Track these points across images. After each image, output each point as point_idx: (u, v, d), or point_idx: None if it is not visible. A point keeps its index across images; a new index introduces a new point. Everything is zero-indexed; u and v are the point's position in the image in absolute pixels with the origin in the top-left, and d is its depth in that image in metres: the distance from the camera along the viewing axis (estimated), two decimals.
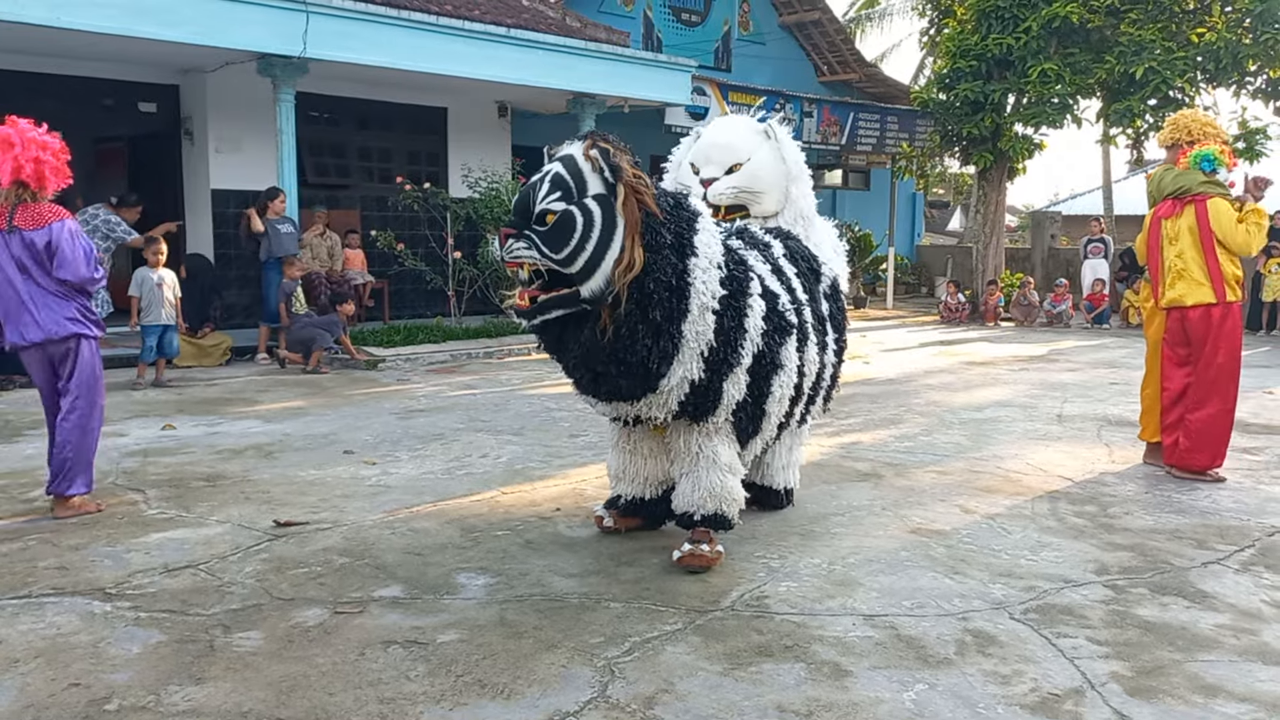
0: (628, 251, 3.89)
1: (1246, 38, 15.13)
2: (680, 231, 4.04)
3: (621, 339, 3.95)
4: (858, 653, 3.56)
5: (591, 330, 3.96)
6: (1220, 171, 6.11)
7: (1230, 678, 3.41)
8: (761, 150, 5.30)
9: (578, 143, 4.03)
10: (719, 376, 4.17)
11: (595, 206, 3.90)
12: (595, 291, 3.90)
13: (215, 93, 12.37)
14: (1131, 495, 5.72)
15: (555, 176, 3.93)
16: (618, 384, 4.10)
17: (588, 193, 3.91)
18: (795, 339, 4.51)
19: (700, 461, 4.37)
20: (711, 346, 4.11)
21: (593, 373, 4.10)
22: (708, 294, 4.04)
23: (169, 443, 6.76)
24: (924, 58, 30.02)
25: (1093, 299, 16.66)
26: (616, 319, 3.93)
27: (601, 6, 17.53)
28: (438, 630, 3.67)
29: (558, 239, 3.86)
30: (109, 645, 3.49)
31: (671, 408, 4.20)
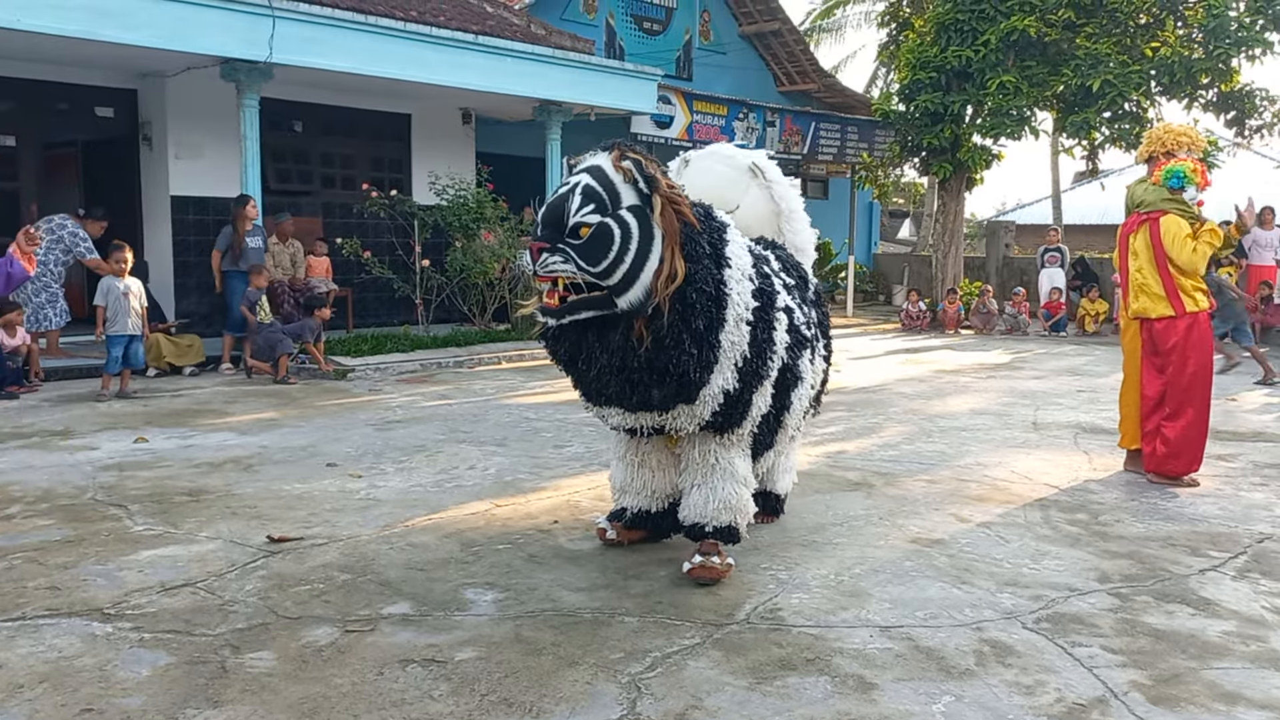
0: (668, 262, 3.86)
1: (1198, 52, 15.47)
2: (714, 242, 4.02)
3: (664, 349, 3.90)
4: (880, 665, 3.55)
5: (624, 338, 3.90)
6: (1189, 189, 6.20)
7: (1248, 685, 3.45)
8: (750, 194, 5.17)
9: (603, 154, 4.00)
10: (750, 388, 4.15)
11: (631, 218, 3.86)
12: (634, 303, 3.86)
13: (175, 97, 12.13)
14: (1119, 503, 5.79)
15: (586, 188, 3.87)
16: (650, 394, 4.02)
17: (622, 204, 3.88)
18: (810, 351, 4.53)
19: (716, 473, 4.32)
20: (745, 357, 4.09)
21: (627, 382, 4.00)
22: (742, 305, 4.04)
23: (143, 456, 6.60)
24: (878, 69, 30.43)
25: (1050, 307, 16.92)
26: (656, 329, 3.88)
27: (564, 14, 17.50)
28: (454, 648, 3.60)
29: (595, 252, 3.81)
30: (116, 668, 3.37)
31: (704, 418, 4.15)
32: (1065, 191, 31.95)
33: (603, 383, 4.06)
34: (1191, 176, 6.19)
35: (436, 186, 12.84)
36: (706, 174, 5.24)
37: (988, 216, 33.39)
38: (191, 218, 12.20)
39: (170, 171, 12.18)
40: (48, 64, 11.15)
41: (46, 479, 5.91)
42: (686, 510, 4.43)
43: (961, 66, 16.36)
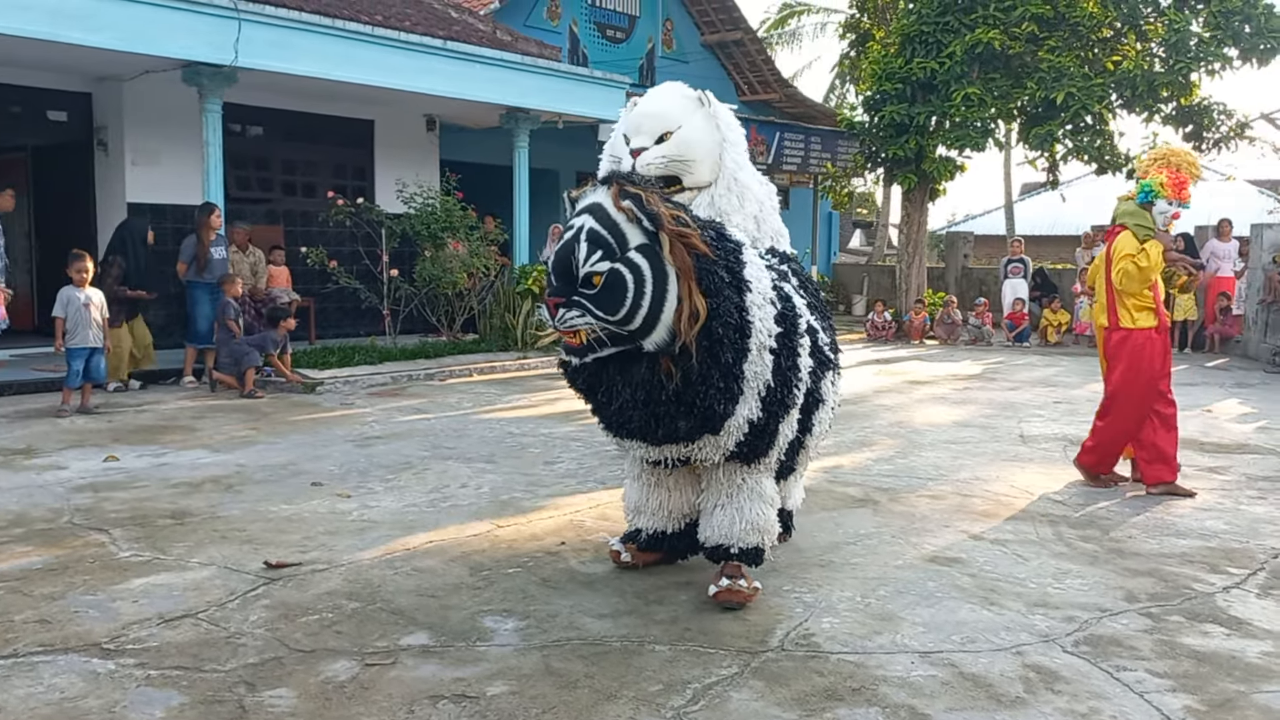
0: (687, 301, 3.68)
1: (1159, 66, 15.68)
2: (731, 267, 3.83)
3: (693, 384, 3.74)
4: (928, 694, 3.42)
5: (650, 372, 3.73)
6: (1158, 203, 6.23)
7: None
8: (694, 118, 4.92)
9: (601, 189, 3.78)
10: (776, 417, 4.01)
11: (641, 259, 3.67)
12: (659, 344, 3.71)
13: (132, 101, 11.76)
14: (1126, 517, 5.74)
15: (591, 233, 3.67)
16: (676, 426, 3.86)
17: (629, 246, 3.68)
18: (832, 372, 4.42)
19: (743, 493, 4.18)
20: (769, 386, 3.93)
21: (652, 416, 3.83)
22: (765, 332, 3.88)
23: (116, 476, 6.30)
24: (835, 79, 30.62)
25: (1013, 318, 17.03)
26: (685, 365, 3.71)
27: (528, 20, 17.32)
28: (483, 682, 3.41)
29: (610, 300, 3.64)
30: (126, 710, 3.14)
31: (729, 449, 4.00)
32: (1017, 202, 32.39)
33: (625, 416, 3.89)
34: (1159, 190, 6.22)
35: (404, 194, 12.57)
36: (649, 99, 4.96)
37: (939, 227, 33.68)
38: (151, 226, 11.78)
39: (127, 178, 11.80)
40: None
41: (16, 501, 5.60)
42: (709, 531, 4.26)
43: (926, 78, 16.43)
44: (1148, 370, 6.33)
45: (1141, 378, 6.34)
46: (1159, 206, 6.23)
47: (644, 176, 3.96)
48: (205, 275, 10.31)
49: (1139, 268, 6.14)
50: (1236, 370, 13.47)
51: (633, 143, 4.89)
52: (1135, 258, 6.15)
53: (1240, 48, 15.30)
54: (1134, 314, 6.30)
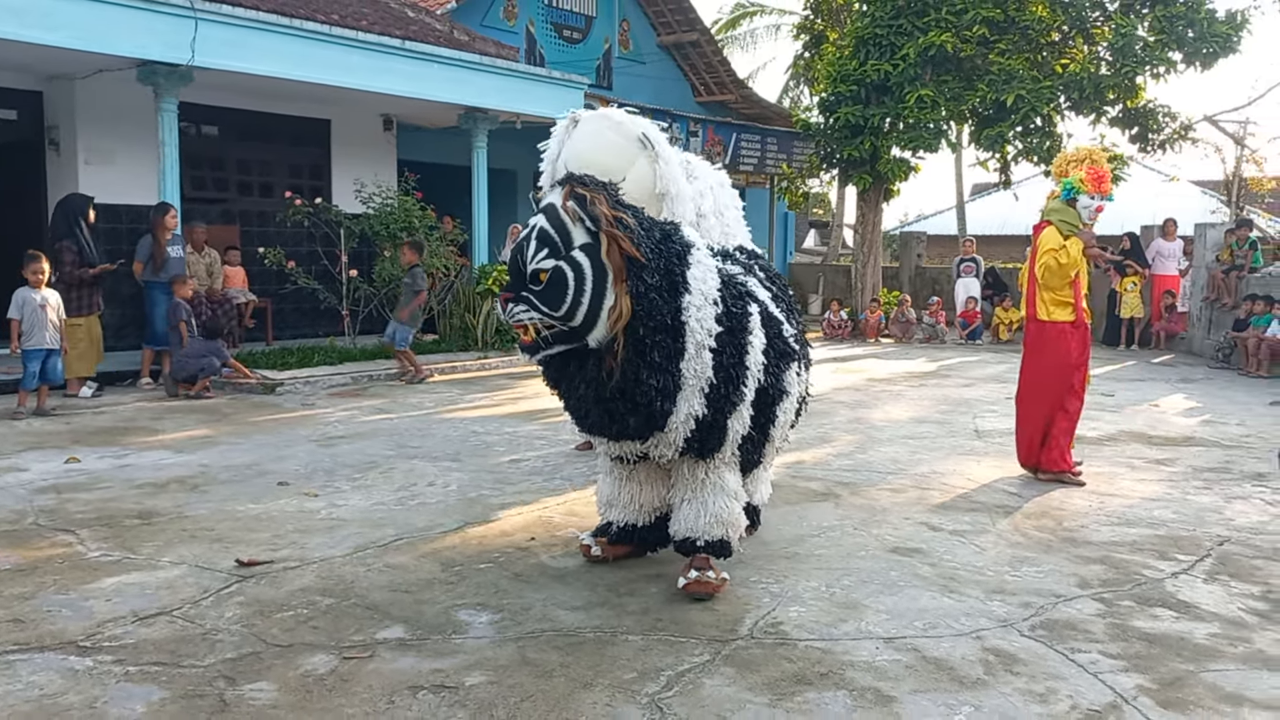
0: (618, 299, 3.88)
1: (1106, 70, 16.03)
2: (670, 269, 3.96)
3: (628, 380, 3.93)
4: (893, 677, 3.54)
5: (596, 369, 3.94)
6: (1081, 198, 6.47)
7: (1247, 686, 3.53)
8: (637, 165, 4.84)
9: (558, 190, 3.97)
10: (723, 414, 4.12)
11: (584, 258, 3.87)
12: (601, 340, 3.91)
13: (85, 100, 11.63)
14: (1079, 508, 5.91)
15: (541, 232, 3.89)
16: (627, 422, 4.03)
17: (574, 245, 3.88)
18: (796, 364, 4.52)
19: (707, 487, 4.29)
20: (712, 384, 4.06)
21: (605, 412, 4.03)
22: (702, 332, 4.00)
23: (79, 477, 6.26)
24: (789, 80, 30.86)
25: (966, 316, 17.33)
26: (625, 361, 3.90)
27: (484, 20, 17.31)
28: (461, 673, 3.48)
29: (553, 297, 3.84)
30: (108, 705, 3.17)
31: (678, 445, 4.14)
32: (968, 202, 32.83)
33: (584, 411, 4.10)
34: (1080, 186, 6.44)
35: (363, 194, 12.55)
36: (593, 138, 4.68)
37: (893, 227, 34.07)
38: (103, 226, 11.63)
39: (80, 177, 11.64)
40: None
41: None
42: (677, 525, 4.37)
43: (880, 80, 16.65)
44: (1060, 363, 6.56)
45: (1051, 369, 6.58)
46: (1082, 202, 6.46)
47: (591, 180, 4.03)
48: (161, 275, 10.23)
49: (1059, 263, 6.39)
50: (1182, 366, 13.82)
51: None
52: (1057, 253, 6.40)
53: (1184, 52, 15.68)
54: (1050, 307, 6.55)
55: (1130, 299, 16.13)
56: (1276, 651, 3.84)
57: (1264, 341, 12.64)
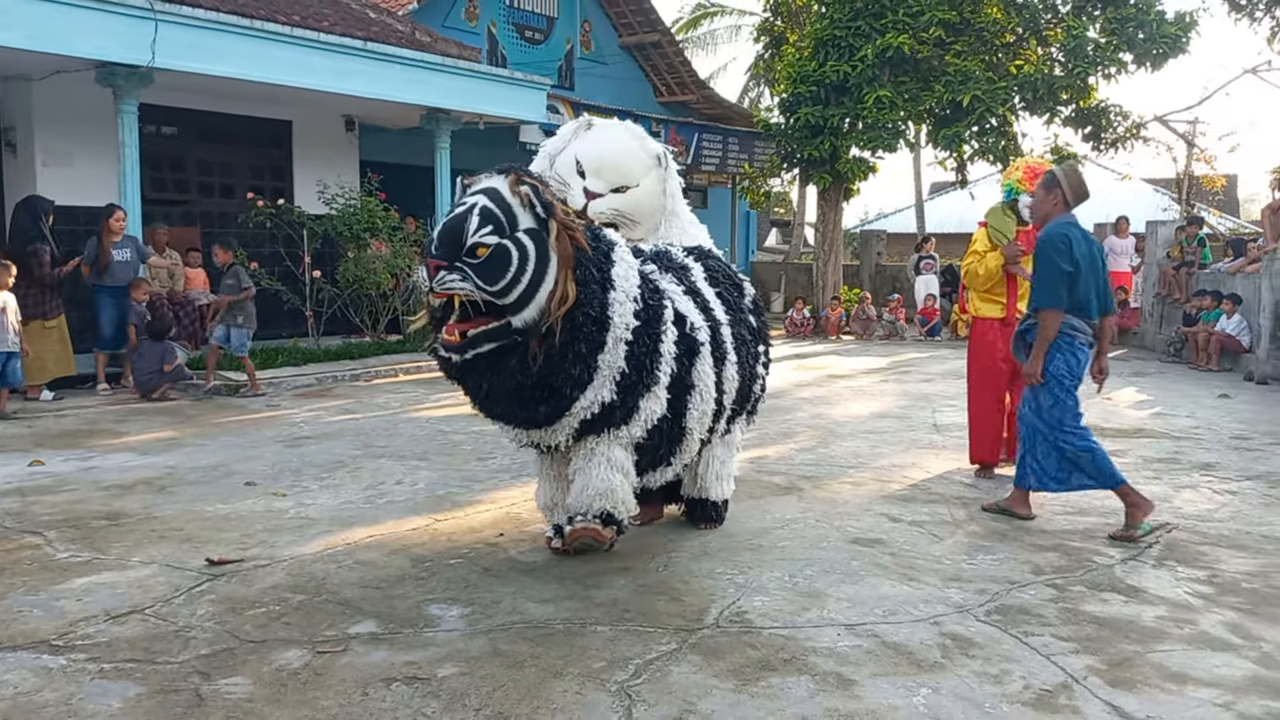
0: (561, 285, 4.07)
1: (1059, 71, 16.33)
2: (600, 264, 4.23)
3: (552, 367, 4.12)
4: (854, 662, 3.65)
5: (521, 360, 4.09)
6: (1022, 198, 6.63)
7: (1191, 665, 3.68)
8: (649, 178, 5.24)
9: (498, 176, 4.17)
10: (633, 396, 4.37)
11: (528, 240, 4.05)
12: (528, 322, 4.05)
13: (42, 101, 11.51)
14: (1034, 499, 6.03)
15: (485, 210, 4.03)
16: (538, 411, 4.25)
17: (519, 227, 4.06)
18: (710, 359, 4.72)
19: (594, 460, 4.49)
20: (624, 372, 4.31)
21: (517, 401, 4.23)
22: (622, 326, 4.24)
23: (44, 480, 6.25)
24: (749, 81, 31.06)
25: (926, 313, 17.57)
26: (549, 347, 4.09)
27: (446, 21, 17.31)
28: (433, 664, 3.55)
29: (493, 272, 3.98)
30: (84, 702, 3.21)
31: (574, 429, 4.37)
32: (927, 201, 33.21)
33: (493, 401, 4.28)
34: (1019, 186, 6.60)
35: (326, 195, 12.53)
36: (616, 143, 5.28)
37: (853, 225, 34.39)
38: (62, 228, 11.51)
39: (38, 179, 11.53)
40: None
41: None
42: (570, 498, 4.62)
43: (839, 81, 16.85)
44: (987, 357, 6.75)
45: (979, 363, 6.81)
46: (1023, 200, 6.58)
47: (538, 173, 4.33)
48: (106, 279, 10.10)
49: (978, 273, 6.64)
50: (1134, 360, 14.12)
51: (589, 183, 5.14)
52: (981, 258, 6.64)
53: (1134, 53, 16.02)
54: (978, 303, 6.79)
55: None
56: (1220, 633, 4.00)
57: (1213, 336, 12.94)
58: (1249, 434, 8.27)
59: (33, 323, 9.21)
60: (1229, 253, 15.46)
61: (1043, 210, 5.53)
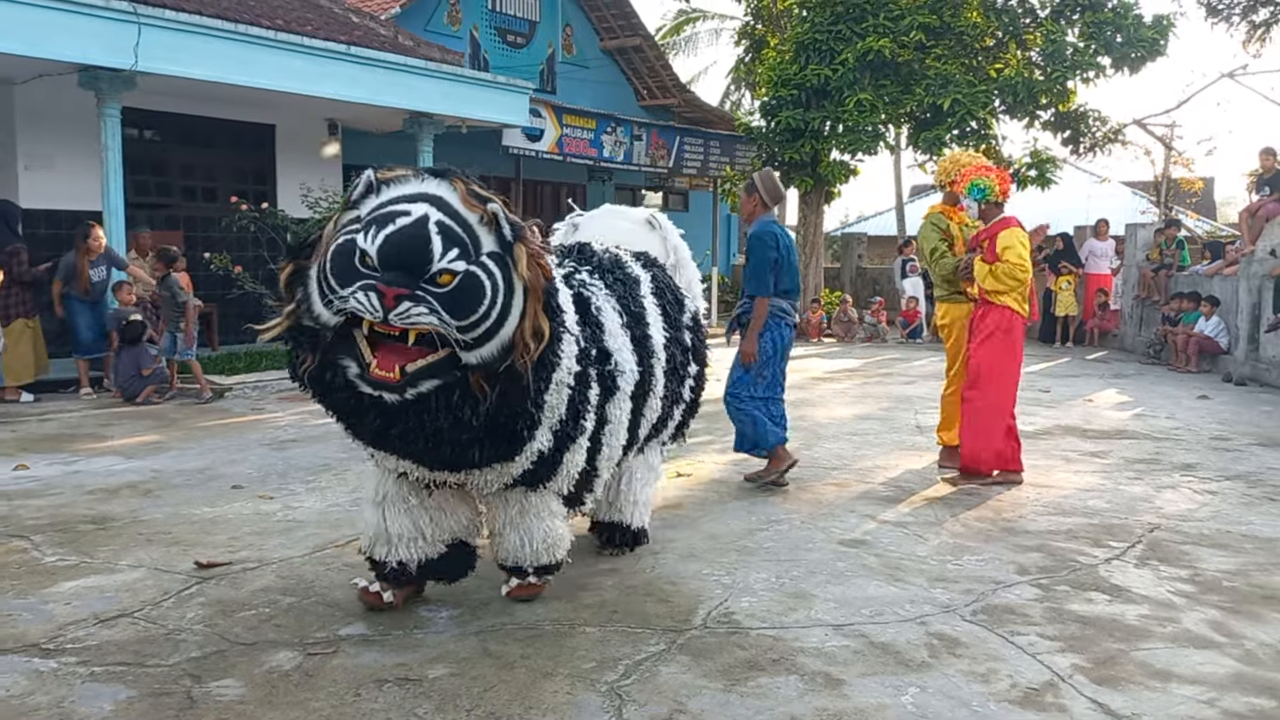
0: (531, 318, 3.48)
1: (1038, 74, 16.46)
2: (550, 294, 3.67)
3: (508, 406, 3.52)
4: (842, 662, 3.69)
5: (463, 398, 3.42)
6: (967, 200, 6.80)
7: (1175, 663, 3.74)
8: (650, 245, 5.38)
9: (435, 180, 3.54)
10: (562, 448, 3.86)
11: (494, 267, 3.42)
12: (486, 359, 3.41)
13: (24, 105, 11.46)
14: (1018, 499, 6.14)
15: (445, 228, 3.36)
16: (469, 453, 3.58)
17: (482, 250, 3.43)
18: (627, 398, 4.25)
19: (530, 514, 4.04)
20: (562, 418, 3.80)
21: (443, 441, 3.51)
22: (566, 367, 3.74)
23: (29, 484, 6.23)
24: (730, 84, 31.13)
25: (907, 315, 17.66)
26: (506, 387, 3.48)
27: (428, 25, 17.29)
28: (424, 666, 3.57)
29: (464, 304, 3.32)
30: (75, 705, 3.21)
31: (514, 476, 3.82)
32: (907, 204, 33.38)
33: (407, 440, 3.52)
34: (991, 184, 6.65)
35: (309, 199, 12.52)
36: (609, 230, 5.36)
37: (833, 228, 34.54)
38: (43, 232, 11.52)
39: (20, 183, 11.49)
40: None
41: None
42: (505, 553, 4.13)
43: (820, 85, 16.92)
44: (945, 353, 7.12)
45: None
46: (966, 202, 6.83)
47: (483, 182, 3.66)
48: (84, 297, 10.07)
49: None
50: (1115, 362, 14.24)
51: None
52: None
53: (1113, 56, 16.16)
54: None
55: (1064, 297, 16.56)
56: (1202, 630, 4.05)
57: (1192, 338, 13.07)
58: (1228, 434, 8.37)
59: (17, 321, 9.21)
60: (1207, 255, 15.63)
61: (746, 211, 6.41)
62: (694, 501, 6.00)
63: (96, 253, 10.08)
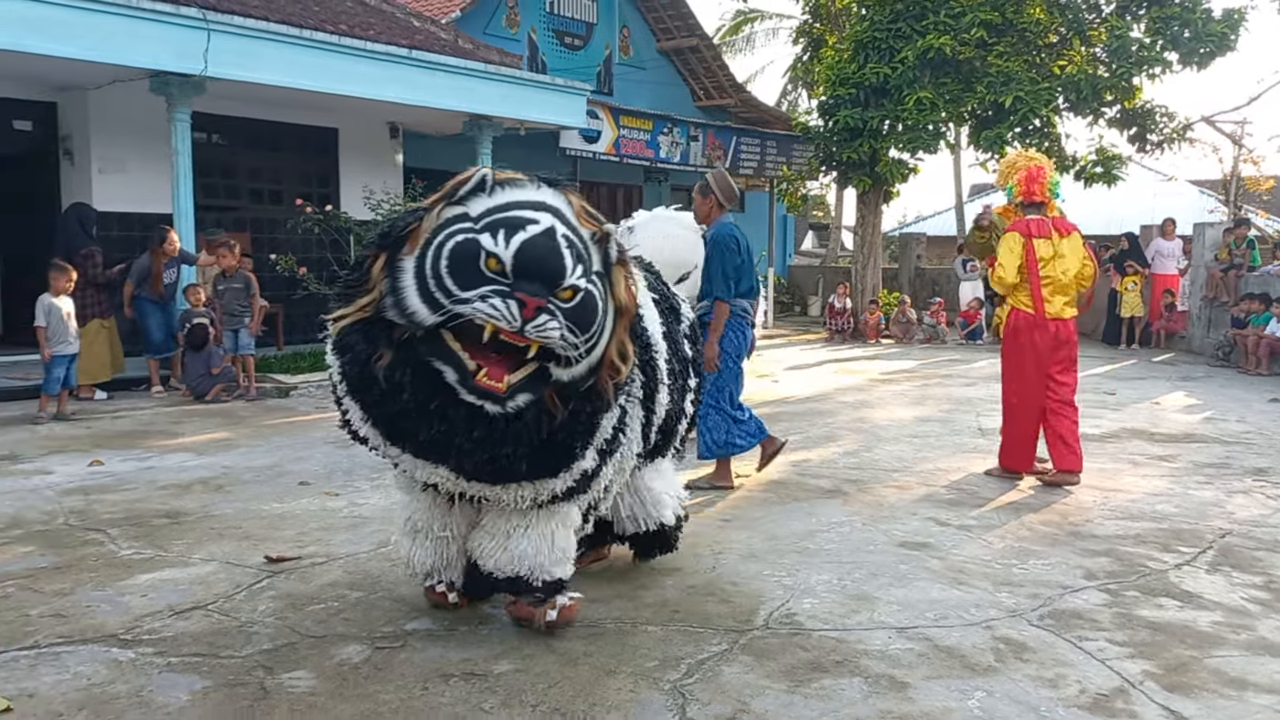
0: (619, 341, 3.44)
1: (1103, 71, 16.18)
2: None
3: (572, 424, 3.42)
4: (906, 665, 3.67)
5: (538, 413, 3.30)
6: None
7: (1250, 670, 3.66)
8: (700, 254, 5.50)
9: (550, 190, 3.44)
10: (602, 466, 3.69)
11: (601, 286, 3.36)
12: (575, 376, 3.33)
13: (98, 111, 11.78)
14: (1083, 503, 6.05)
15: (569, 241, 3.26)
16: (519, 467, 3.41)
17: (593, 268, 3.35)
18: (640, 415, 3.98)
19: (554, 519, 3.76)
20: (607, 438, 3.65)
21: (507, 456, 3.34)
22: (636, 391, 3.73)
23: (104, 480, 6.39)
24: (787, 84, 31.02)
25: (967, 316, 17.46)
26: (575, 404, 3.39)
27: (487, 28, 17.46)
28: (489, 661, 3.61)
29: (584, 320, 3.24)
30: (153, 694, 3.30)
31: (553, 492, 3.60)
32: (967, 203, 33.00)
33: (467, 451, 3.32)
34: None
35: (371, 201, 12.69)
36: (663, 238, 5.51)
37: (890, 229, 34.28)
38: (116, 234, 11.81)
39: (94, 186, 11.80)
40: None
41: (10, 505, 5.69)
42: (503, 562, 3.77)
43: (879, 83, 16.80)
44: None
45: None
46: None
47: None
48: (156, 299, 10.31)
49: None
50: (1182, 364, 13.96)
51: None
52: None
53: (1180, 52, 15.82)
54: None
55: (1130, 298, 16.28)
56: (1278, 638, 3.97)
57: (1263, 339, 12.78)
58: None
59: (93, 322, 9.49)
60: (1278, 255, 15.25)
61: (703, 212, 6.25)
62: (754, 503, 5.99)
63: (171, 255, 10.33)
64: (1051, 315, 6.52)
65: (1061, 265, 6.51)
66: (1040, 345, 6.53)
